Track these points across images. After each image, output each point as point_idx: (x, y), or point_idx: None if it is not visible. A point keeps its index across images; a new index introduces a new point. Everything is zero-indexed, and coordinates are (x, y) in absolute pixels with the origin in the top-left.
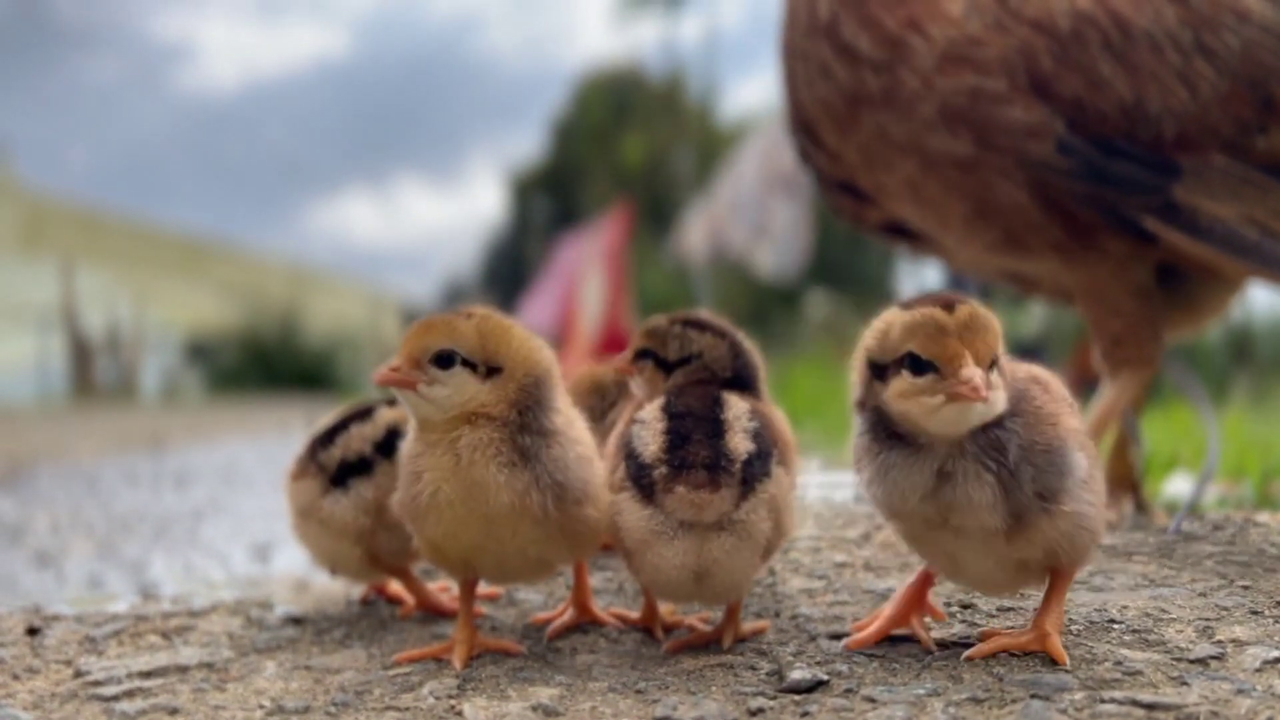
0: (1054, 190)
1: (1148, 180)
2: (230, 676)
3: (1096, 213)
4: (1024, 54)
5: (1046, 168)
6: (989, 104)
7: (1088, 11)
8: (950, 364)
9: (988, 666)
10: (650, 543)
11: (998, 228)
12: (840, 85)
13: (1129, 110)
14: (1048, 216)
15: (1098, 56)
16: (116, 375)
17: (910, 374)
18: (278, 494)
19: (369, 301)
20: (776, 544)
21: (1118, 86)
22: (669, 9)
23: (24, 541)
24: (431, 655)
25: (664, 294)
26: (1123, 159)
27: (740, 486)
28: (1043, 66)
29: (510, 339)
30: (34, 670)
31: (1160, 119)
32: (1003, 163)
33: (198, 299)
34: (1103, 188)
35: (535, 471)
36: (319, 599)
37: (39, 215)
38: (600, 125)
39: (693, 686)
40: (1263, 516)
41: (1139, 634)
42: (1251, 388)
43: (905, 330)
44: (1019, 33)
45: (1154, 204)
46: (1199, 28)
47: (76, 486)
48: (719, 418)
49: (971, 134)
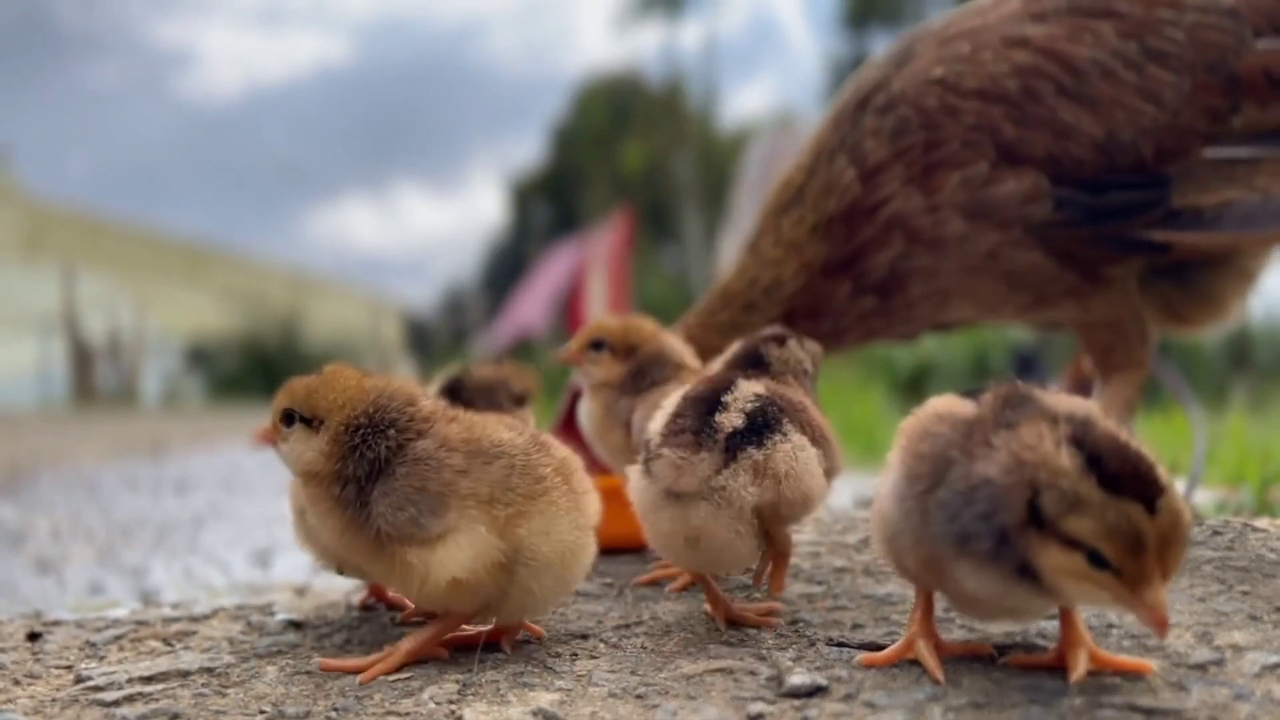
0: (1061, 241)
1: (1142, 199)
2: (231, 682)
3: (1098, 247)
4: (984, 129)
5: (1049, 225)
6: (983, 188)
7: (1030, 64)
8: (1140, 582)
9: (986, 671)
10: (647, 512)
11: (1029, 292)
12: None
13: (1103, 146)
14: (1062, 267)
15: (1056, 106)
16: (117, 381)
17: (1089, 564)
18: (278, 500)
19: (370, 307)
20: (784, 515)
21: (1085, 127)
22: (669, 16)
23: (24, 547)
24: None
25: (664, 300)
26: (1113, 190)
27: (722, 455)
28: (1006, 135)
29: (328, 391)
30: (35, 676)
31: (1135, 141)
32: (1015, 235)
33: (199, 304)
34: (1103, 224)
35: (351, 515)
36: (320, 604)
37: (40, 220)
38: (600, 131)
39: (692, 692)
40: (1262, 522)
41: (1137, 639)
42: (1250, 393)
43: (1095, 525)
44: (968, 107)
45: (1156, 217)
46: (1141, 35)
47: (77, 492)
48: (720, 399)
49: (990, 221)
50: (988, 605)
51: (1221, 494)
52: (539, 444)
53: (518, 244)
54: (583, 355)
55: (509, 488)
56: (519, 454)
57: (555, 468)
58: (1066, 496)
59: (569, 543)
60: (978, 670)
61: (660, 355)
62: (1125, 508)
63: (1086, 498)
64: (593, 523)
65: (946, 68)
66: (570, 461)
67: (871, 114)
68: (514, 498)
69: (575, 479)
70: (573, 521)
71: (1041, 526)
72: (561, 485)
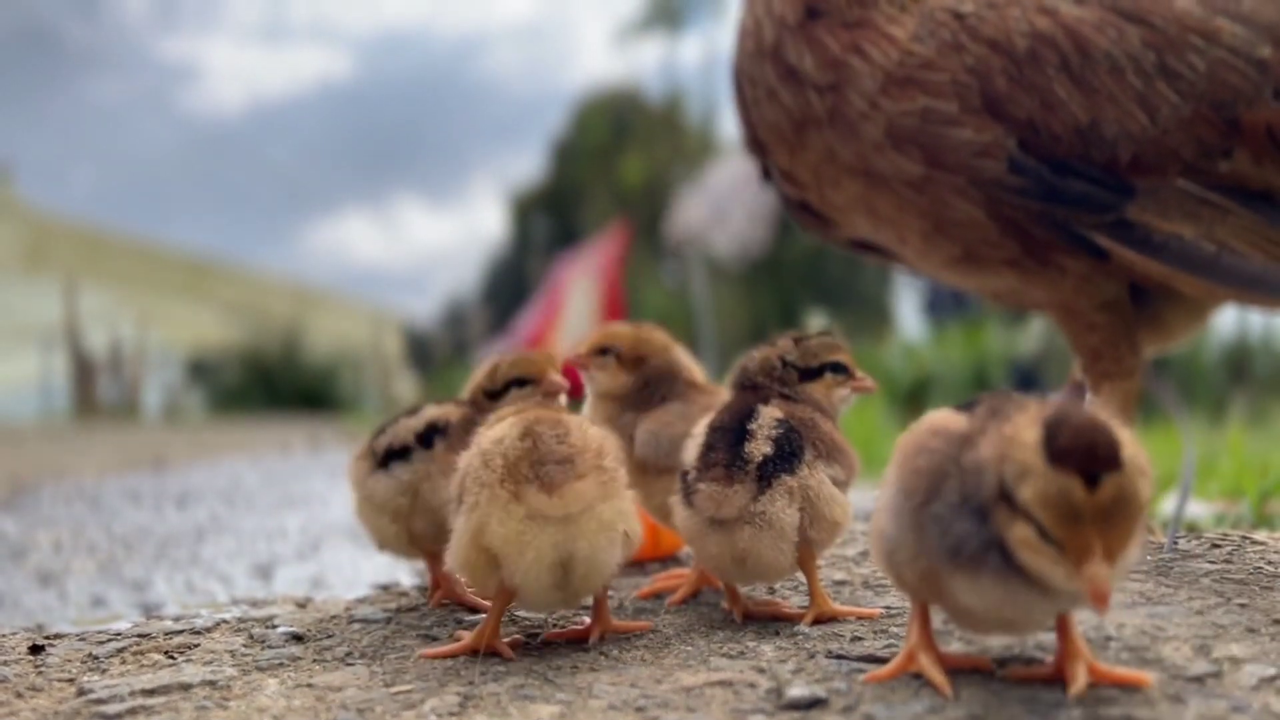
0: (1007, 207)
1: (1101, 198)
2: (233, 694)
3: (1049, 229)
4: (978, 73)
5: (999, 185)
6: (939, 125)
7: (1046, 32)
8: (1080, 556)
9: (985, 684)
10: (694, 538)
11: (956, 243)
12: (786, 108)
13: (1084, 132)
14: (1003, 233)
15: (1053, 78)
16: (119, 394)
17: (1039, 536)
18: (279, 513)
19: (371, 321)
20: (821, 535)
21: (1073, 109)
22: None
23: (26, 560)
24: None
25: (663, 312)
26: (1075, 177)
27: (756, 484)
28: (997, 86)
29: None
30: (37, 689)
31: (1116, 142)
32: (955, 181)
33: (200, 318)
34: (1054, 206)
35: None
36: (321, 617)
37: (42, 235)
38: (600, 146)
39: (692, 704)
40: (1260, 535)
41: (1135, 651)
42: (1249, 407)
43: (1034, 493)
44: (975, 51)
45: (1105, 221)
46: (1163, 50)
47: (79, 505)
48: (745, 428)
49: (922, 154)
50: (984, 617)
51: (1220, 507)
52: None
53: (518, 258)
54: (590, 360)
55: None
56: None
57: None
58: (1018, 466)
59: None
60: (976, 683)
61: (669, 370)
62: (1062, 479)
63: (1032, 467)
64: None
65: (975, 6)
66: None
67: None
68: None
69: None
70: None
71: (1010, 502)
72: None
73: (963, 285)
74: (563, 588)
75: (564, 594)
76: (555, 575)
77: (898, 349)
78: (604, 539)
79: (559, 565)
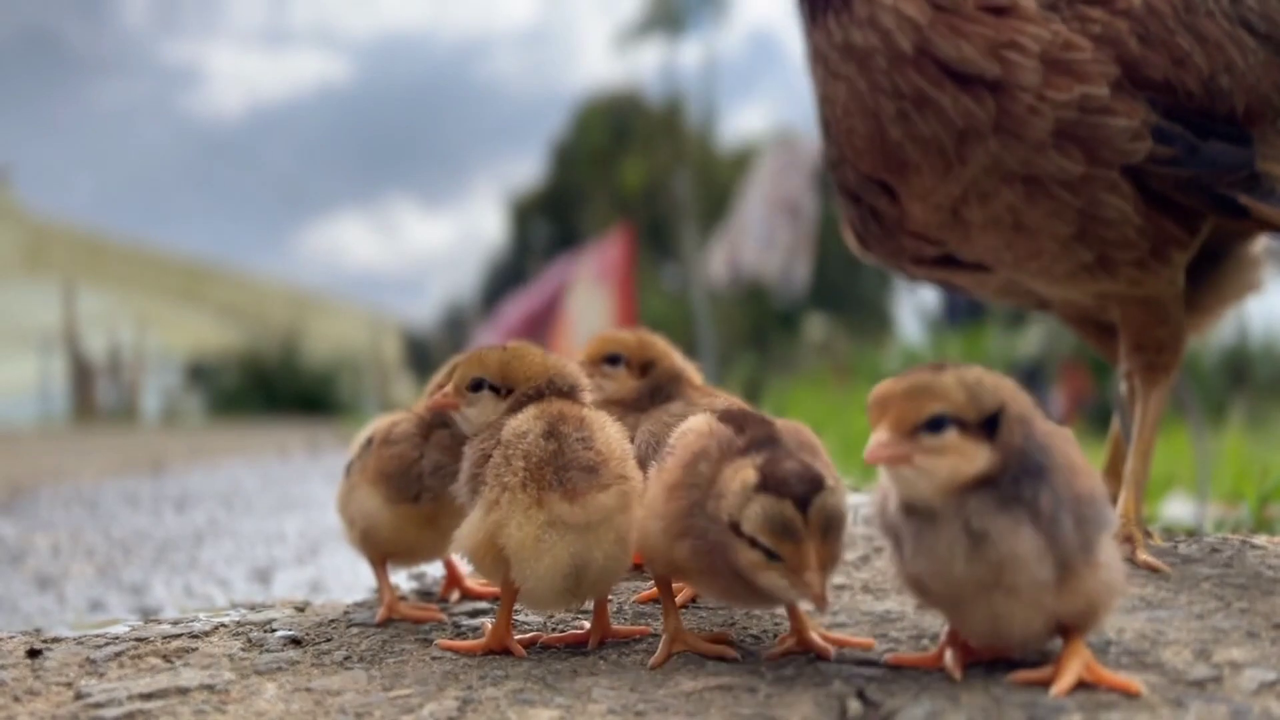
0: (1157, 183)
1: (1235, 155)
2: (231, 698)
3: (1197, 197)
4: (1110, 41)
5: (1151, 162)
6: (1096, 115)
7: None
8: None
9: (986, 688)
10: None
11: (1092, 249)
12: (946, 118)
13: (1207, 84)
14: (1142, 228)
15: (1174, 29)
16: (117, 398)
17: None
18: (278, 517)
19: (370, 324)
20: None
21: (1196, 59)
22: (670, 35)
23: (25, 564)
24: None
25: (664, 317)
26: (1214, 139)
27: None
28: (1131, 51)
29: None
30: (35, 692)
31: (1231, 92)
32: (1109, 176)
33: (199, 322)
34: (1202, 170)
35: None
36: (320, 621)
37: (41, 238)
38: (600, 150)
39: (691, 709)
40: (1260, 539)
41: (1135, 656)
42: (1249, 410)
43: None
44: (1099, 17)
45: (1241, 177)
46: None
47: (77, 509)
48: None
49: (1082, 152)
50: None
51: (1220, 511)
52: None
53: (518, 262)
54: (595, 368)
55: None
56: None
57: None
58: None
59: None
60: (977, 687)
61: (676, 373)
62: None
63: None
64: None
65: None
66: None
67: None
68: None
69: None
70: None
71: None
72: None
73: (1054, 295)
74: (572, 593)
75: (571, 598)
76: (568, 582)
77: (898, 353)
78: (619, 549)
79: (573, 573)
